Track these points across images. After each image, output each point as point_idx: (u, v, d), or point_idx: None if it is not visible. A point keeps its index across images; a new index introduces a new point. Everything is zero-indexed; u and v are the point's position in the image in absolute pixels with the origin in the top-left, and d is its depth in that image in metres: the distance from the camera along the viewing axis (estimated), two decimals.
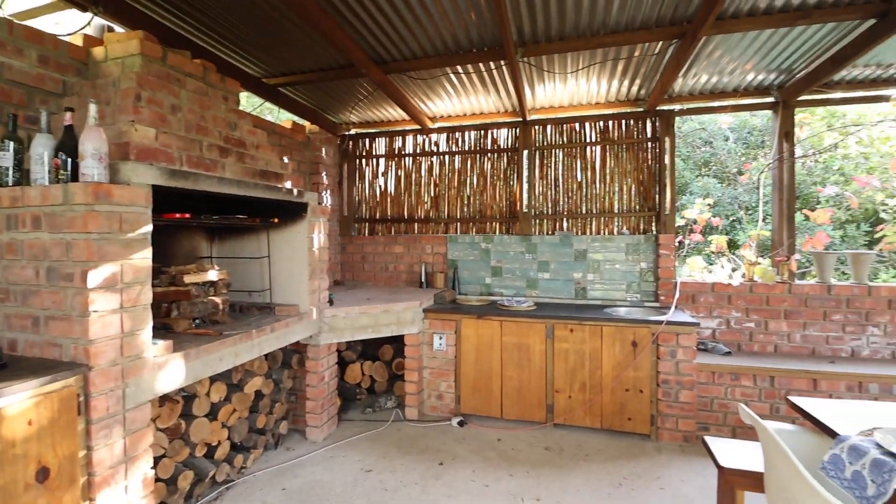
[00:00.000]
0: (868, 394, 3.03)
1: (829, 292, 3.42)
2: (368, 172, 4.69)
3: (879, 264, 6.09)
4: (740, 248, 3.78)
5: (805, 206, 6.30)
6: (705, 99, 3.68)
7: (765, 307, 3.54)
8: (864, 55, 2.80)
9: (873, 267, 5.83)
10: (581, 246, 3.97)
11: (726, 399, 3.23)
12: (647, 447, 3.12)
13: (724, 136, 7.99)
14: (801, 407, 1.71)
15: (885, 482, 1.22)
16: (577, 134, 4.03)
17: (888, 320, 3.33)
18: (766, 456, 1.51)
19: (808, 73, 3.17)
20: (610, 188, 3.94)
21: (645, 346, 3.21)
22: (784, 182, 3.54)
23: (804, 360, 3.31)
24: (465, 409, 3.57)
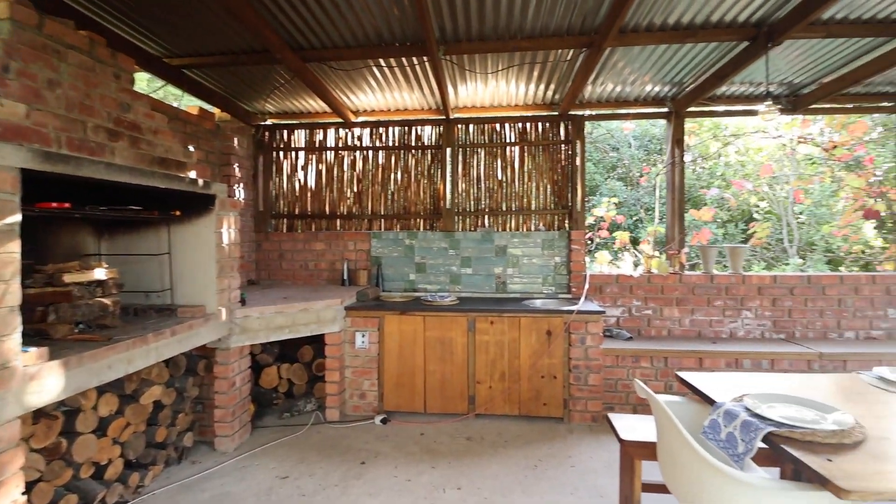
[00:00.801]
0: (743, 368, 3.50)
1: (711, 281, 3.89)
2: (287, 166, 4.47)
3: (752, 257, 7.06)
4: (640, 244, 4.16)
5: (694, 206, 7.11)
6: (611, 106, 4.00)
7: (660, 296, 3.94)
8: (739, 73, 3.22)
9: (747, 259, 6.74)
10: (501, 242, 4.12)
11: (628, 380, 3.55)
12: (560, 429, 3.32)
13: (629, 143, 8.75)
14: (687, 380, 1.93)
15: (751, 440, 1.41)
16: (497, 134, 4.17)
17: (758, 305, 3.87)
18: (657, 425, 1.68)
19: (696, 87, 3.57)
20: (528, 187, 4.13)
21: (558, 334, 3.41)
22: (676, 184, 3.96)
23: (692, 341, 3.74)
24: (389, 407, 3.54)
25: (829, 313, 3.83)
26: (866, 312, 3.81)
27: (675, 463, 1.53)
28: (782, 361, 3.46)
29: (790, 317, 3.86)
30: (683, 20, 2.68)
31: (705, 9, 2.56)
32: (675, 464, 1.53)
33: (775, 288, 3.86)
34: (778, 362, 3.47)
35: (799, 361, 3.45)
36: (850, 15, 2.58)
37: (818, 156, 5.89)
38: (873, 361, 3.42)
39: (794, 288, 3.84)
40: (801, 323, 3.85)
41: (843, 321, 3.82)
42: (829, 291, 3.82)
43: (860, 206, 4.59)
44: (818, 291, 3.83)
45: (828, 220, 6.41)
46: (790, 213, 7.01)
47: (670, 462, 1.56)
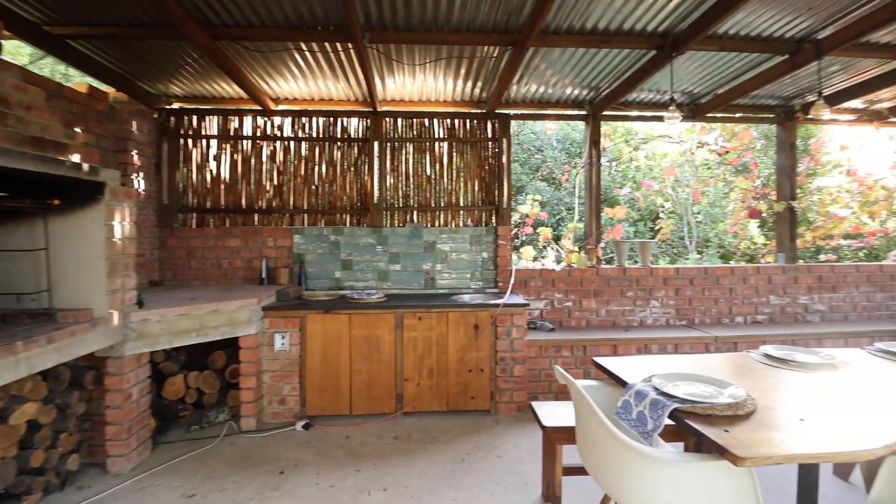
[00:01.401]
0: (651, 353, 3.78)
1: (624, 274, 4.17)
2: (197, 155, 4.08)
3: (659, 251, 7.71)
4: (562, 240, 4.35)
5: (609, 205, 7.62)
6: (535, 107, 4.14)
7: (580, 288, 4.14)
8: (648, 81, 3.47)
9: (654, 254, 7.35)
10: (430, 238, 4.09)
11: (551, 369, 3.69)
12: (487, 422, 3.37)
13: (552, 145, 9.18)
14: (602, 365, 2.03)
15: (659, 416, 1.50)
16: (426, 129, 4.14)
17: (664, 295, 4.21)
18: (576, 409, 1.73)
19: (611, 91, 3.80)
20: (456, 183, 4.15)
21: (485, 328, 3.45)
22: (593, 183, 4.20)
23: (607, 330, 3.97)
24: (312, 411, 3.36)
25: (723, 301, 4.28)
26: (752, 299, 4.30)
27: (591, 444, 1.58)
28: (684, 345, 3.80)
29: (690, 305, 4.25)
30: (599, 25, 2.82)
31: (618, 16, 2.71)
32: (591, 444, 1.58)
33: (678, 279, 4.23)
34: (681, 346, 3.80)
35: (698, 345, 3.81)
36: (741, 31, 2.88)
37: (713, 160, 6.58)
38: (759, 342, 3.86)
39: (693, 279, 4.24)
40: (700, 310, 4.26)
41: (734, 307, 4.29)
42: (722, 281, 4.27)
43: (747, 206, 5.21)
44: (713, 282, 4.26)
45: (720, 219, 7.18)
46: (689, 213, 7.78)
47: (588, 443, 1.62)
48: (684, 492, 1.37)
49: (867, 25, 2.66)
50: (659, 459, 1.35)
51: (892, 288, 4.42)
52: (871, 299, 4.41)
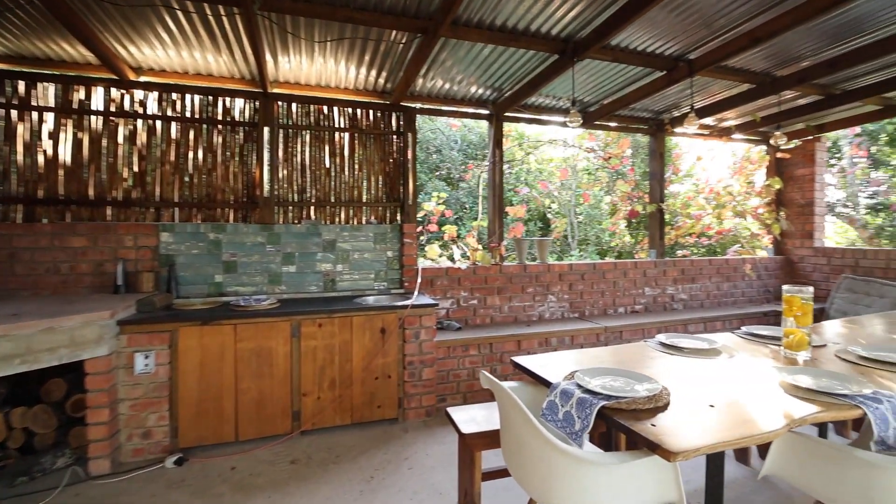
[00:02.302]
0: (551, 346, 3.94)
1: (525, 271, 4.30)
2: (24, 131, 3.21)
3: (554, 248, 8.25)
4: (465, 238, 4.35)
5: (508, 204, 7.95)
6: (440, 102, 4.05)
7: (484, 286, 4.17)
8: (549, 85, 3.60)
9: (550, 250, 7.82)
10: (330, 236, 3.76)
11: (459, 369, 3.64)
12: (395, 431, 3.18)
13: (451, 146, 9.28)
14: (522, 364, 1.98)
15: (587, 416, 1.47)
16: (326, 118, 3.79)
17: (559, 289, 4.44)
18: (502, 413, 1.65)
19: (513, 93, 3.87)
20: (359, 177, 3.88)
21: (393, 331, 3.27)
22: (496, 182, 4.26)
23: (511, 326, 4.06)
24: (187, 442, 2.84)
25: (608, 293, 4.66)
26: (631, 291, 4.76)
27: (520, 449, 1.50)
28: (579, 336, 4.04)
29: (582, 298, 4.55)
30: (508, 23, 2.81)
31: (527, 16, 2.73)
32: (520, 450, 1.50)
33: (571, 274, 4.50)
34: (576, 338, 4.03)
35: (590, 335, 4.08)
36: (630, 45, 3.11)
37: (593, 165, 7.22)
38: (640, 329, 4.27)
39: (584, 274, 4.55)
40: (590, 303, 4.58)
41: (617, 299, 4.70)
42: (607, 276, 4.65)
43: (626, 207, 5.80)
44: (600, 276, 4.62)
45: (598, 220, 7.93)
46: (573, 213, 8.48)
47: (516, 448, 1.54)
48: (616, 490, 1.35)
49: (725, 52, 3.06)
50: (594, 462, 1.32)
51: (735, 278, 5.25)
52: (720, 288, 5.19)
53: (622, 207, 6.17)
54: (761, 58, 3.40)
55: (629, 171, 6.07)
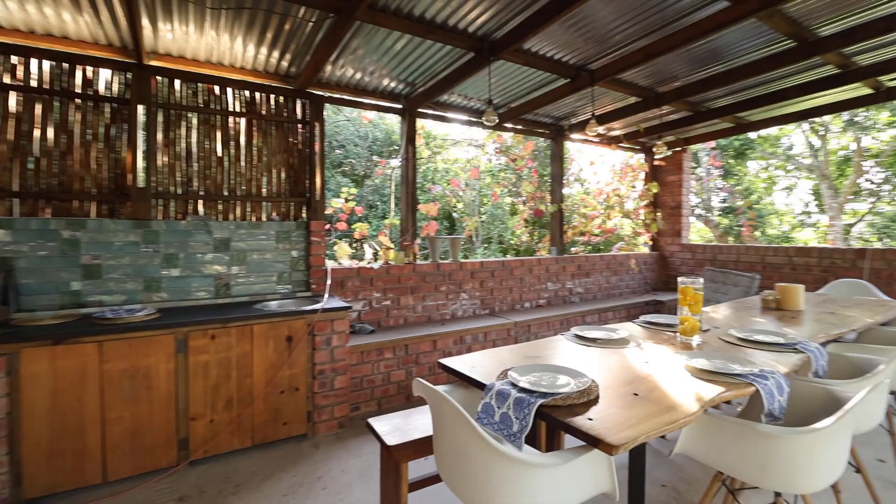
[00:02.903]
0: (465, 344, 3.96)
1: (438, 269, 4.26)
2: None
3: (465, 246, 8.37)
4: (378, 236, 4.18)
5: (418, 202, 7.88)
6: (351, 93, 3.82)
7: (398, 286, 4.04)
8: (462, 84, 3.59)
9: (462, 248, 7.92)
10: (223, 234, 3.32)
11: (373, 375, 3.47)
12: (305, 448, 2.92)
13: (354, 142, 8.94)
14: (451, 367, 1.91)
15: (525, 416, 1.44)
16: (218, 99, 3.33)
17: (471, 287, 4.48)
18: (438, 419, 1.55)
19: (426, 89, 3.80)
20: (258, 169, 3.48)
21: (301, 338, 2.99)
22: (409, 179, 4.15)
23: (425, 326, 3.99)
24: (36, 491, 2.27)
25: (515, 290, 4.84)
26: (536, 287, 5.00)
27: (459, 457, 1.42)
28: (491, 333, 4.12)
29: (492, 295, 4.66)
30: (427, 14, 2.73)
31: (446, 9, 2.67)
32: (459, 458, 1.42)
33: (482, 272, 4.57)
34: (489, 334, 4.11)
35: (502, 331, 4.19)
36: (541, 50, 3.22)
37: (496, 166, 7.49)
38: (545, 323, 4.49)
39: (494, 271, 4.66)
40: (499, 299, 4.71)
41: (523, 294, 4.90)
42: (515, 272, 4.82)
43: (530, 207, 6.09)
44: (509, 273, 4.78)
45: (501, 219, 8.26)
46: (478, 213, 8.73)
47: (453, 456, 1.45)
48: (557, 489, 1.34)
49: (620, 66, 3.33)
50: (541, 465, 1.28)
51: (621, 272, 5.82)
52: (609, 281, 5.70)
53: (527, 207, 6.48)
54: (645, 75, 3.79)
55: (534, 173, 6.42)
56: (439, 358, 3.82)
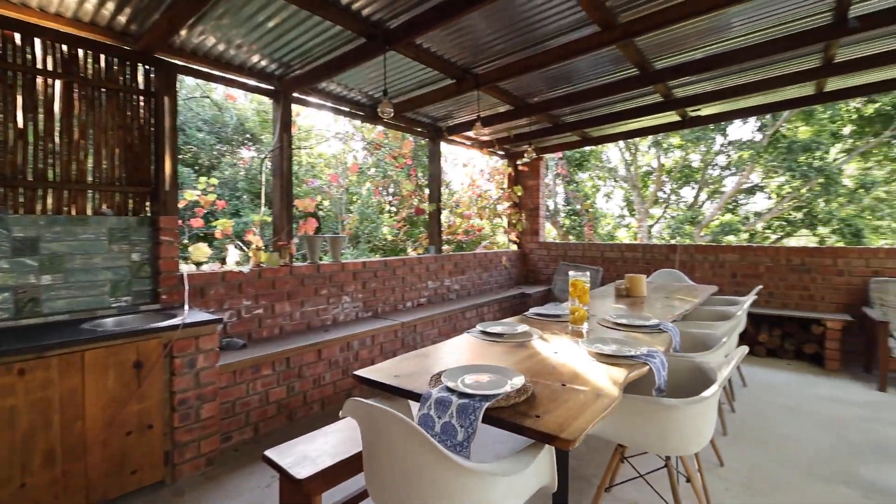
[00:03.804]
0: (352, 350, 3.71)
1: (318, 271, 3.91)
2: None
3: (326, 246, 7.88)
4: (246, 235, 3.63)
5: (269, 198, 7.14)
6: (212, 65, 3.22)
7: (271, 291, 3.58)
8: (345, 72, 3.33)
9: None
10: (28, 232, 2.47)
11: (248, 396, 3.00)
12: (164, 497, 2.36)
13: (198, 126, 7.70)
14: (370, 378, 1.72)
15: (471, 423, 1.36)
16: (19, 52, 2.45)
17: (354, 289, 4.23)
18: (369, 440, 1.37)
19: (306, 73, 3.43)
20: (81, 148, 2.68)
21: (155, 363, 2.40)
22: (284, 171, 3.71)
23: (306, 334, 3.62)
24: None
25: (398, 289, 4.74)
26: (417, 286, 4.98)
27: (410, 478, 1.27)
28: (379, 336, 3.95)
29: (375, 296, 4.48)
30: None
31: None
32: (410, 480, 1.27)
33: (365, 272, 4.36)
34: (377, 337, 3.93)
35: (389, 333, 4.05)
36: (432, 48, 3.18)
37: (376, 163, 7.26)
38: (429, 322, 4.50)
39: (377, 271, 4.48)
40: (382, 300, 4.55)
41: (405, 294, 4.83)
42: (398, 272, 4.72)
43: (409, 206, 6.03)
44: (391, 273, 4.65)
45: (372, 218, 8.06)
46: (343, 211, 8.36)
47: (402, 480, 1.29)
48: (515, 491, 1.29)
49: (500, 75, 3.50)
50: (506, 472, 1.22)
51: (490, 269, 6.18)
52: (481, 278, 6.01)
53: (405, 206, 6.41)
54: (517, 86, 4.07)
55: (413, 172, 6.38)
56: (325, 369, 3.52)
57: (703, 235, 9.89)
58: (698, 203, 11.22)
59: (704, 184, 11.07)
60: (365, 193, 8.15)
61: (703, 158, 10.92)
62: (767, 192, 10.37)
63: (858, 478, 2.47)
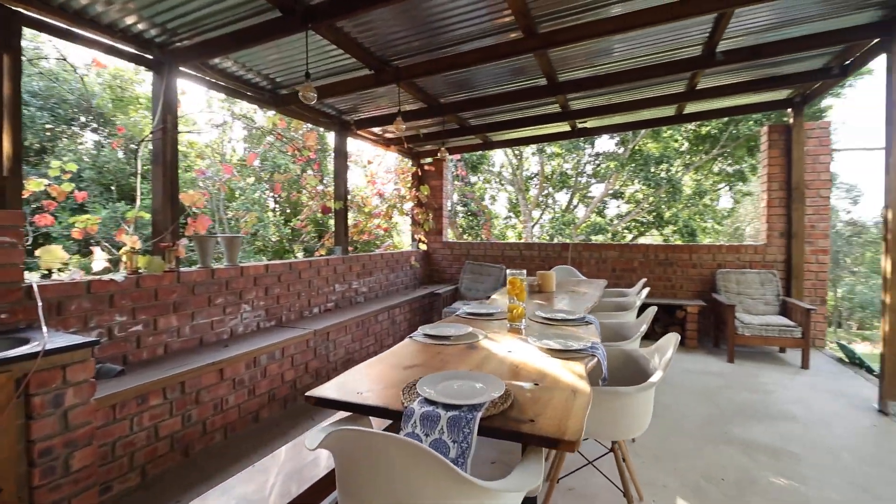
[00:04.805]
0: (259, 366, 3.28)
1: (213, 277, 3.38)
2: None
3: None
4: (116, 235, 2.95)
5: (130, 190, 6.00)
6: (71, 21, 2.53)
7: (154, 303, 2.98)
8: (250, 49, 2.92)
9: None
10: None
11: (132, 434, 2.45)
12: None
13: (27, 100, 6.12)
14: (332, 398, 1.50)
15: (466, 436, 1.26)
16: None
17: (254, 296, 3.75)
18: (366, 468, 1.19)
19: (198, 44, 2.92)
20: None
21: (3, 407, 1.80)
22: (168, 159, 3.10)
23: (200, 352, 3.09)
24: None
25: (304, 294, 4.34)
26: (324, 289, 4.63)
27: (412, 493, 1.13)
28: (289, 347, 3.58)
29: (278, 303, 4.03)
30: None
31: None
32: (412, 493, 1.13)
33: (267, 277, 3.90)
34: (287, 349, 3.55)
35: (300, 343, 3.69)
36: (354, 33, 2.95)
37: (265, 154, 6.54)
38: (342, 328, 4.22)
39: (281, 275, 4.04)
40: (286, 307, 4.12)
41: (312, 299, 4.45)
42: (303, 275, 4.32)
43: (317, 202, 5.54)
44: (297, 276, 4.24)
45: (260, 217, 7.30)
46: (222, 209, 7.43)
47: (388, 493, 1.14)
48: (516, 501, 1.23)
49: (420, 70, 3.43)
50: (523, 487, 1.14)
51: (397, 269, 6.05)
52: (388, 279, 5.84)
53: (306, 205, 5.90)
54: (433, 85, 4.04)
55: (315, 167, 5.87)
56: (228, 390, 3.07)
57: (578, 235, 11.08)
58: (572, 206, 12.53)
59: (577, 189, 12.41)
60: (249, 189, 7.36)
61: (574, 167, 12.22)
62: (625, 198, 12.05)
63: (734, 437, 2.95)
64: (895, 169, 3.00)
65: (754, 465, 2.60)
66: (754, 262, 5.35)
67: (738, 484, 2.41)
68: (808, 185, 5.05)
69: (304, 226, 6.35)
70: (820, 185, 5.08)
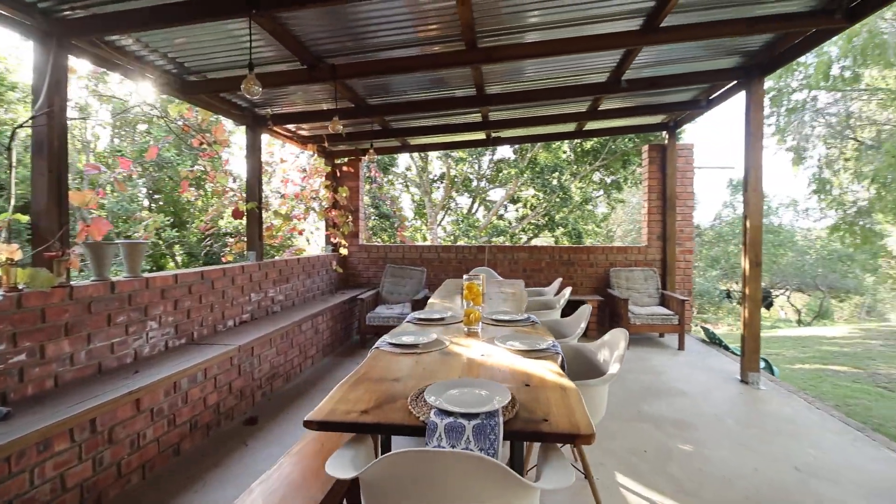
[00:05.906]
0: (180, 391, 2.90)
1: (112, 291, 2.87)
2: None
3: None
4: None
5: None
6: None
7: (41, 326, 2.44)
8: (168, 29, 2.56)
9: None
10: None
11: (34, 489, 2.00)
12: None
13: None
14: (330, 421, 1.42)
15: (492, 443, 1.30)
16: None
17: (162, 311, 3.27)
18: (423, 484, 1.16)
19: (98, 16, 2.46)
20: None
21: None
22: (54, 149, 2.55)
23: (102, 381, 2.61)
24: None
25: (217, 306, 3.90)
26: (239, 300, 4.21)
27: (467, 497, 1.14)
28: (213, 367, 3.22)
29: (189, 317, 3.57)
30: None
31: None
32: None
33: (177, 289, 3.43)
34: (209, 370, 3.19)
35: (224, 361, 3.34)
36: (294, 25, 2.75)
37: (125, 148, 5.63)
38: (266, 341, 3.90)
39: (192, 286, 3.59)
40: (198, 321, 3.67)
41: (226, 311, 4.02)
42: (217, 285, 3.88)
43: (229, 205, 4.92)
44: (209, 287, 3.80)
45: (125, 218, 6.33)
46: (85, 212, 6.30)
47: None
48: None
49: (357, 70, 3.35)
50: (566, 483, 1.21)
51: (313, 274, 5.73)
52: (304, 285, 5.51)
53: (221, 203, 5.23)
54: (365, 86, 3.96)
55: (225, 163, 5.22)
56: (146, 423, 2.68)
57: (481, 237, 11.65)
58: (473, 210, 13.12)
59: (477, 193, 13.02)
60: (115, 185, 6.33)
61: (475, 171, 12.82)
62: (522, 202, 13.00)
63: (646, 414, 3.43)
64: (752, 186, 3.77)
65: (666, 436, 3.06)
66: (638, 261, 6.22)
67: (658, 454, 2.82)
68: (678, 196, 6.03)
69: (209, 228, 5.67)
70: (686, 196, 6.11)
